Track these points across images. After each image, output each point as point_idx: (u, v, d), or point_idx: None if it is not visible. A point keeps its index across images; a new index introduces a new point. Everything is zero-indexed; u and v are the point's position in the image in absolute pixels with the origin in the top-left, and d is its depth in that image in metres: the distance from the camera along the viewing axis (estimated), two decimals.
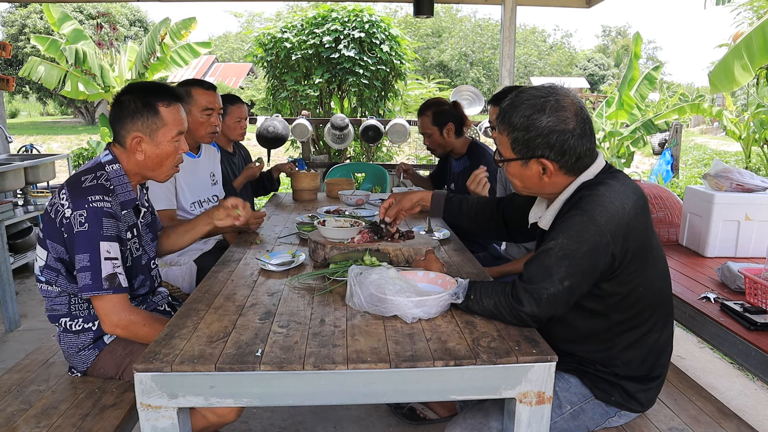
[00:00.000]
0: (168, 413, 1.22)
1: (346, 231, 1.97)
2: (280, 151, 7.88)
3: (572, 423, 1.47)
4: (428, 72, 28.54)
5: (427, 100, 3.15)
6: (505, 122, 1.41)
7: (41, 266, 1.68)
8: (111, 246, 1.59)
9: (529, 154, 1.39)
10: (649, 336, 1.44)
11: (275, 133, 5.24)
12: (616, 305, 1.40)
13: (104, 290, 1.56)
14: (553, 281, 1.31)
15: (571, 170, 1.40)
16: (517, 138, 1.38)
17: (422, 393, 1.28)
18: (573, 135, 1.35)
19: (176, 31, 8.61)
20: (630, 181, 1.41)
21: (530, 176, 1.43)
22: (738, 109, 11.75)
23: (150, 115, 1.70)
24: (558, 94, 1.37)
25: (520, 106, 1.37)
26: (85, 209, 1.56)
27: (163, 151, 1.74)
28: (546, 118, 1.34)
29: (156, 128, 1.71)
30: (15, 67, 20.32)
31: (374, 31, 6.54)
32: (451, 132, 2.97)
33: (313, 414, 2.48)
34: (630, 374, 1.45)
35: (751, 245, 2.54)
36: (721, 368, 2.98)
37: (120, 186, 1.71)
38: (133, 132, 1.69)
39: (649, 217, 1.41)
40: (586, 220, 1.30)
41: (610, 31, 46.38)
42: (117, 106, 1.71)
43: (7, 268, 3.32)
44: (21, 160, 4.48)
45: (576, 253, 1.30)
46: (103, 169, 1.69)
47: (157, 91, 1.73)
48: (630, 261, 1.35)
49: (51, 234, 1.63)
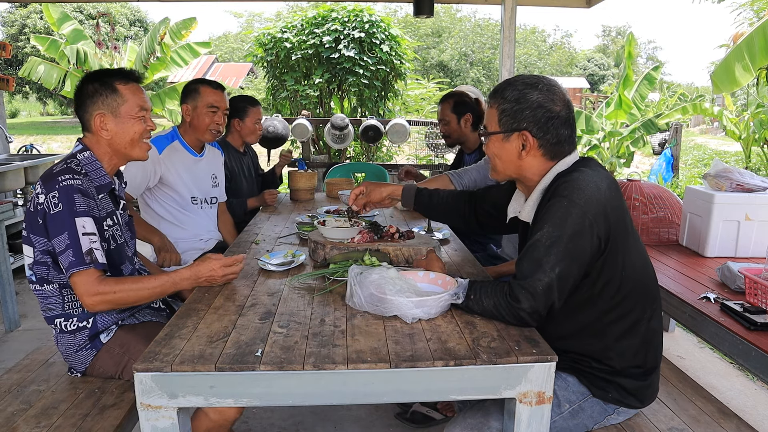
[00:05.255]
0: (168, 413, 1.22)
1: (346, 231, 1.97)
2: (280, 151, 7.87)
3: (571, 422, 1.47)
4: (428, 72, 28.52)
5: (451, 90, 3.23)
6: (497, 96, 1.49)
7: (30, 264, 1.68)
8: (85, 221, 1.59)
9: (514, 126, 1.45)
10: (639, 325, 1.45)
11: (275, 133, 5.24)
12: (601, 292, 1.41)
13: (86, 264, 1.56)
14: (545, 271, 1.33)
15: (549, 152, 1.46)
16: (506, 110, 1.46)
17: (422, 393, 1.28)
18: (558, 117, 1.44)
19: (176, 31, 8.60)
20: (601, 168, 1.45)
21: (509, 152, 1.48)
22: (738, 109, 11.75)
23: (109, 93, 1.72)
24: (550, 82, 1.47)
25: (515, 83, 1.47)
26: (56, 189, 1.58)
27: (128, 125, 1.75)
28: (537, 94, 1.43)
29: (117, 105, 1.73)
30: (15, 67, 20.30)
31: (374, 31, 6.54)
32: (468, 123, 3.02)
33: (313, 414, 2.48)
34: (625, 366, 1.46)
35: (751, 245, 2.54)
36: (721, 368, 2.98)
37: (93, 171, 1.73)
38: (95, 112, 1.72)
39: (623, 201, 1.45)
40: (566, 204, 1.34)
41: (610, 31, 46.37)
42: (78, 93, 1.75)
43: (7, 268, 3.32)
44: (21, 160, 4.49)
45: (562, 238, 1.33)
46: (74, 158, 1.71)
47: (114, 72, 1.77)
48: (612, 242, 1.37)
49: (32, 228, 1.64)
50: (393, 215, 2.92)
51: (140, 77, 1.84)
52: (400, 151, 8.92)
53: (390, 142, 6.15)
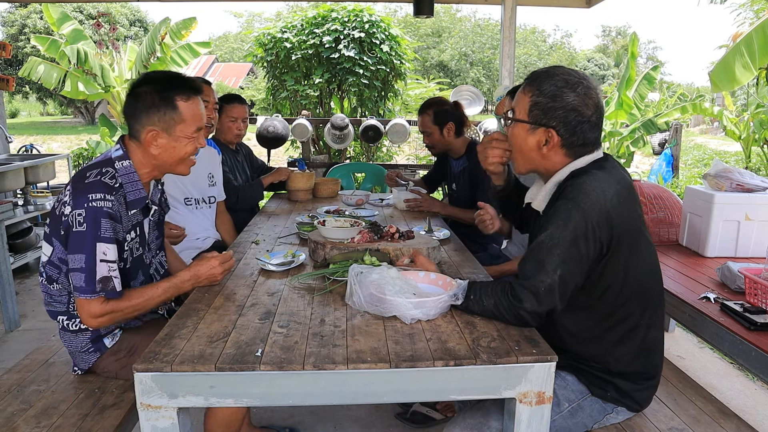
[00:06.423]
0: (168, 413, 1.22)
1: (346, 231, 1.97)
2: (280, 151, 7.88)
3: (571, 421, 1.47)
4: (428, 72, 28.53)
5: (429, 99, 3.15)
6: (534, 84, 1.44)
7: (44, 261, 1.66)
8: (108, 248, 1.54)
9: (543, 121, 1.43)
10: (637, 331, 1.44)
11: (275, 133, 5.23)
12: (601, 296, 1.41)
13: (96, 293, 1.53)
14: (548, 272, 1.33)
15: (571, 151, 1.45)
16: (539, 103, 1.42)
17: (422, 393, 1.29)
18: (589, 122, 1.42)
19: (176, 31, 8.61)
20: (617, 172, 1.43)
21: (530, 143, 1.47)
22: (738, 109, 11.74)
23: (167, 110, 1.62)
24: (590, 83, 1.44)
25: (555, 77, 1.42)
26: (84, 208, 1.51)
27: (180, 147, 1.67)
28: (573, 96, 1.40)
29: (173, 123, 1.63)
30: (15, 67, 20.30)
31: (374, 31, 6.53)
32: (451, 132, 2.98)
33: (313, 414, 2.48)
34: (622, 370, 1.46)
35: (751, 245, 2.54)
36: (721, 368, 2.98)
37: (129, 184, 1.64)
38: (148, 126, 1.62)
39: (635, 208, 1.42)
40: (571, 207, 1.34)
41: (610, 31, 46.36)
42: (132, 98, 1.63)
43: (7, 268, 3.32)
44: (21, 160, 4.48)
45: (564, 240, 1.32)
46: (112, 166, 1.62)
47: (176, 83, 1.65)
48: (615, 249, 1.36)
49: (55, 232, 1.60)
50: (393, 215, 2.92)
51: (201, 88, 1.73)
52: (400, 151, 8.91)
53: (390, 142, 6.15)
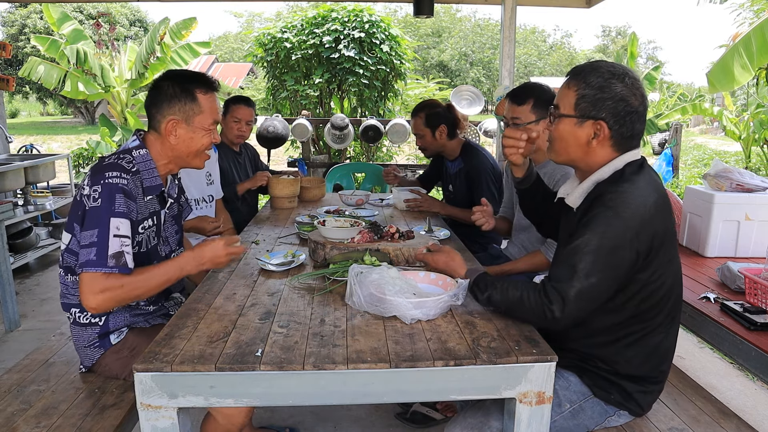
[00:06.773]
0: (168, 413, 1.22)
1: (346, 231, 1.97)
2: (280, 151, 7.88)
3: (572, 422, 1.47)
4: (428, 72, 28.54)
5: (421, 102, 3.15)
6: (579, 78, 1.43)
7: (63, 250, 1.68)
8: (121, 222, 1.55)
9: (592, 113, 1.41)
10: (653, 336, 1.44)
11: (275, 133, 5.23)
12: (626, 302, 1.40)
13: (108, 268, 1.50)
14: (579, 277, 1.31)
15: (618, 144, 1.43)
16: (587, 95, 1.41)
17: (422, 393, 1.29)
18: (637, 112, 1.41)
19: (176, 31, 8.60)
20: (653, 179, 1.42)
21: (578, 137, 1.44)
22: (738, 109, 11.75)
23: (188, 101, 1.70)
24: (635, 76, 1.43)
25: (600, 69, 1.41)
26: (100, 185, 1.56)
27: (197, 138, 1.74)
28: (621, 86, 1.39)
29: (193, 114, 1.71)
30: (15, 67, 20.31)
31: (374, 31, 6.53)
32: (443, 134, 2.99)
33: (313, 414, 2.48)
34: (630, 373, 1.45)
35: (751, 245, 2.54)
36: (721, 368, 2.98)
37: (146, 171, 1.70)
38: (169, 116, 1.70)
39: (669, 218, 1.42)
40: (611, 216, 1.32)
41: (610, 31, 46.36)
42: (155, 90, 1.72)
43: (7, 268, 3.32)
44: (21, 160, 4.48)
45: (602, 249, 1.31)
46: (129, 153, 1.68)
47: (196, 78, 1.75)
48: (650, 257, 1.35)
49: (75, 217, 1.62)
50: (393, 215, 2.92)
51: (218, 86, 1.82)
52: (400, 151, 8.91)
53: (390, 142, 6.15)
